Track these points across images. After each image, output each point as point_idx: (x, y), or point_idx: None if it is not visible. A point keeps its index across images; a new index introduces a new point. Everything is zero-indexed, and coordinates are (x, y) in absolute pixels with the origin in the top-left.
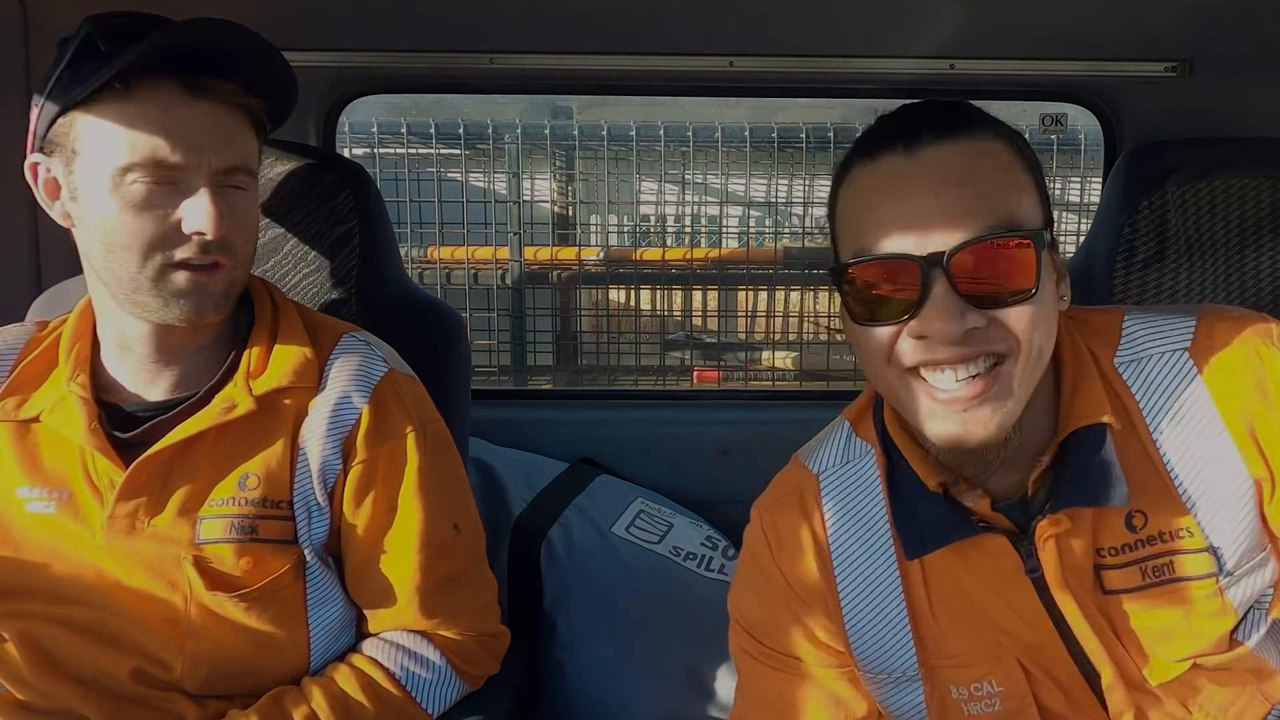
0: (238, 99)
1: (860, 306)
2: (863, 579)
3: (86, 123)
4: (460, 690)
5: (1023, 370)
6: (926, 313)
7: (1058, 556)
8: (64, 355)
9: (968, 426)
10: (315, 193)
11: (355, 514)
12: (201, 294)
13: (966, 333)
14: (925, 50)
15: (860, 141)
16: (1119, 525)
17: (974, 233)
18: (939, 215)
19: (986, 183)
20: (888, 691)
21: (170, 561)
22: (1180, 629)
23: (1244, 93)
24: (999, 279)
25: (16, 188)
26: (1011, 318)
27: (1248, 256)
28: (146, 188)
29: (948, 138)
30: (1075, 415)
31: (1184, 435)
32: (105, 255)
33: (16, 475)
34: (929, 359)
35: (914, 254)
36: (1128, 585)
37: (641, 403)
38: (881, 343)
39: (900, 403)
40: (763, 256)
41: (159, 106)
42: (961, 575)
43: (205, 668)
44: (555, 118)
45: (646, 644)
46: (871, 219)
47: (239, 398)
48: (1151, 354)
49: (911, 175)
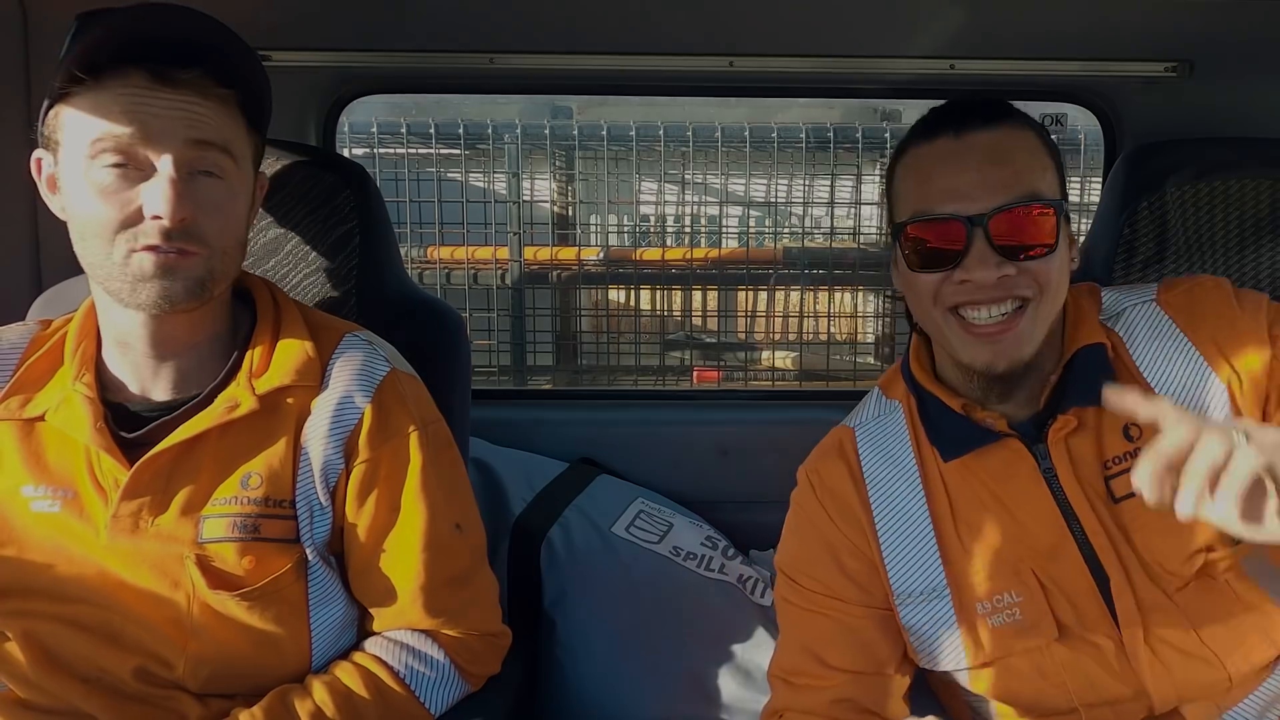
0: (209, 89)
1: (915, 256)
2: (893, 503)
3: (65, 114)
4: (462, 689)
5: (1043, 310)
6: (969, 261)
7: (1068, 457)
8: (69, 354)
9: (998, 353)
10: (315, 193)
11: (358, 513)
12: (169, 278)
13: (1000, 279)
14: (925, 50)
15: (918, 126)
16: (1118, 436)
17: (1009, 199)
18: (981, 186)
19: (1019, 162)
20: (921, 610)
21: (173, 560)
22: (1186, 523)
23: (1244, 93)
24: (1026, 237)
25: (16, 188)
26: (1035, 268)
27: (1247, 257)
28: (111, 173)
29: (990, 125)
30: (1078, 340)
31: (1162, 360)
32: (81, 243)
33: (21, 474)
34: (969, 299)
35: (960, 214)
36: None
37: (641, 403)
38: (931, 286)
39: (943, 336)
40: (763, 256)
41: (126, 94)
42: (983, 487)
43: (207, 667)
44: (555, 118)
45: (646, 644)
46: (927, 187)
47: (242, 397)
48: (1126, 306)
49: (961, 152)
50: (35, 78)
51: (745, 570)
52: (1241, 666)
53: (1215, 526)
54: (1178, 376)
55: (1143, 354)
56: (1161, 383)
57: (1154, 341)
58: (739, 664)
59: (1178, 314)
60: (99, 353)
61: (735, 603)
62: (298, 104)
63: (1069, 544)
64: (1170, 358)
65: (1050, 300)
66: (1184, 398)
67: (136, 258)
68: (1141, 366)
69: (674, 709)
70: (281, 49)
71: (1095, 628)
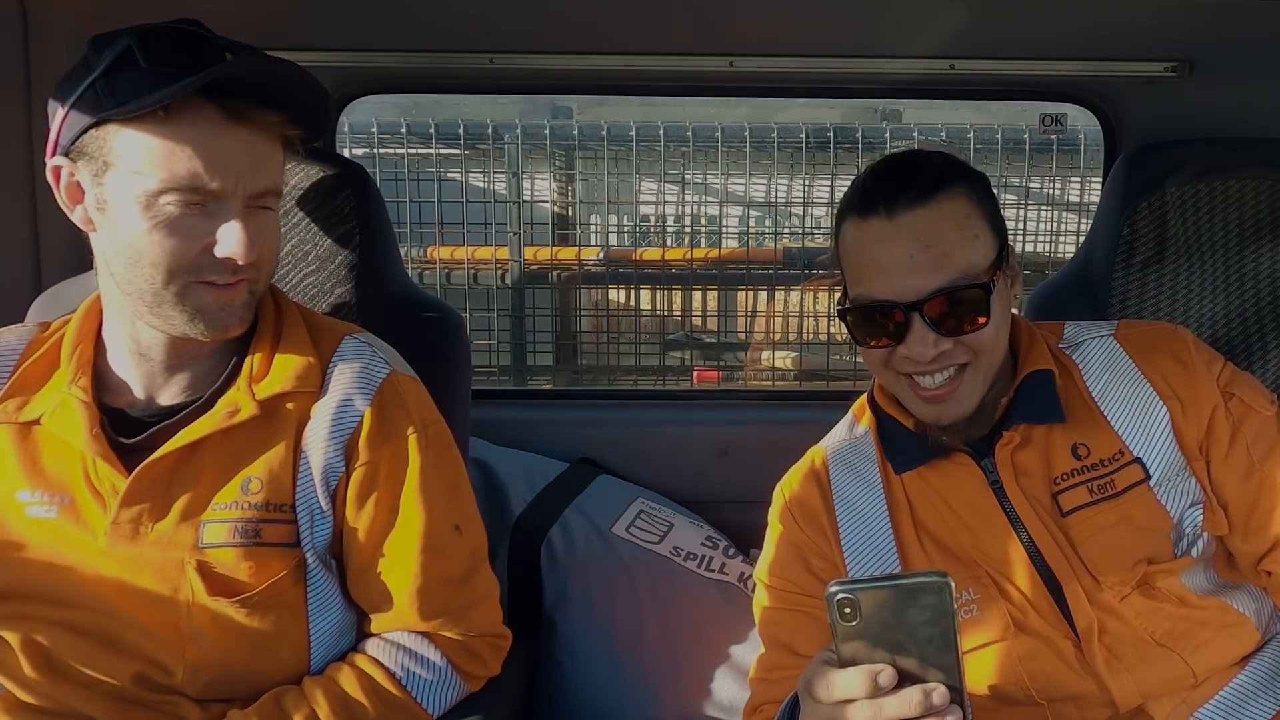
0: (280, 129)
1: (862, 334)
2: (856, 510)
3: (123, 139)
4: (461, 691)
5: (981, 370)
6: (909, 341)
7: (1014, 470)
8: (65, 357)
9: (943, 411)
10: (315, 193)
11: (358, 516)
12: (227, 310)
13: (938, 354)
14: (925, 50)
15: (854, 195)
16: (1067, 455)
17: (940, 284)
18: (914, 271)
19: (948, 241)
20: None
21: (173, 566)
22: (1127, 537)
23: (1244, 93)
24: (960, 317)
25: (16, 188)
26: (971, 340)
27: (1247, 257)
28: (180, 210)
29: (920, 203)
30: (1029, 366)
31: (1114, 386)
32: (129, 268)
33: (17, 479)
34: (913, 370)
35: (897, 301)
36: (1079, 502)
37: (641, 403)
38: (880, 357)
39: (896, 393)
40: (763, 256)
41: (198, 132)
42: (938, 498)
43: (206, 673)
44: (555, 118)
45: (646, 644)
46: (865, 270)
47: (242, 402)
48: (1086, 339)
49: (892, 236)
50: (36, 80)
51: (746, 570)
52: (1208, 660)
53: (1158, 534)
54: (1125, 400)
55: (1095, 379)
56: (1109, 405)
57: (1108, 371)
58: (739, 664)
59: (1134, 349)
60: (98, 356)
61: (735, 603)
62: None
63: (1019, 550)
64: (1121, 385)
65: (987, 361)
66: (1129, 420)
67: (196, 290)
68: (1093, 390)
69: (674, 709)
70: (282, 49)
71: (1053, 628)
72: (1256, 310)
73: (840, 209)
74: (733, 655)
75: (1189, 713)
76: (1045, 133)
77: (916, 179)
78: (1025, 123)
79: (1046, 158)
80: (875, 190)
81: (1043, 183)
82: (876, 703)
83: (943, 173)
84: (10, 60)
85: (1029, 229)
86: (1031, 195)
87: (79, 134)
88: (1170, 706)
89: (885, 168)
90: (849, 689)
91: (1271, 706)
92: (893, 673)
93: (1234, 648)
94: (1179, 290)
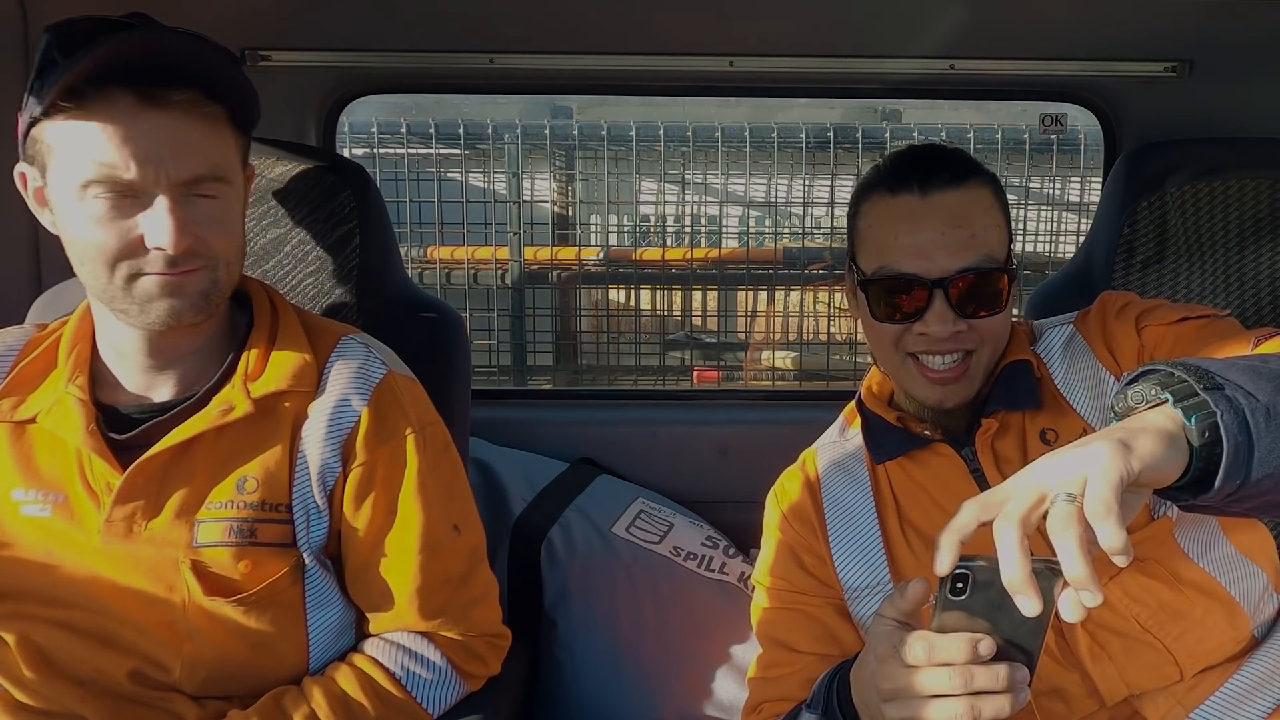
0: (197, 107)
1: (880, 308)
2: (844, 508)
3: (50, 134)
4: (461, 691)
5: (986, 357)
6: (929, 317)
7: (994, 457)
8: (63, 357)
9: (948, 394)
10: (315, 193)
11: (355, 516)
12: (177, 296)
13: (953, 334)
14: (925, 50)
15: (883, 173)
16: (1038, 442)
17: (967, 263)
18: (943, 248)
19: (977, 224)
20: (869, 604)
21: (168, 565)
22: None
23: (1244, 93)
24: (980, 298)
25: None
26: (984, 325)
27: (1247, 257)
28: (106, 202)
29: (955, 184)
30: (1008, 357)
31: (1072, 372)
32: (80, 265)
33: (12, 477)
34: (926, 349)
35: (924, 276)
36: None
37: (641, 403)
38: (893, 335)
39: (900, 375)
40: (763, 256)
41: (112, 119)
42: (921, 490)
43: (203, 670)
44: (555, 118)
45: (646, 644)
46: (893, 243)
47: (237, 400)
48: (1048, 330)
49: (925, 213)
50: None
51: (746, 570)
52: (1190, 649)
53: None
54: (1083, 381)
55: (1057, 367)
56: (1070, 390)
57: (1066, 359)
58: (739, 664)
59: (1086, 330)
60: (95, 356)
61: (736, 603)
62: (298, 104)
63: None
64: (1078, 367)
65: (992, 348)
66: (1088, 399)
67: (141, 282)
68: (1055, 377)
69: (674, 709)
70: (282, 49)
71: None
72: (1256, 310)
73: (863, 185)
74: (733, 655)
75: (1184, 714)
76: (1045, 133)
77: (949, 163)
78: (1025, 123)
79: (1046, 158)
80: (908, 169)
81: (1043, 183)
82: (968, 669)
83: (971, 163)
84: (10, 59)
85: (1029, 229)
86: (1031, 195)
87: (24, 137)
88: (1166, 707)
89: (914, 151)
90: (950, 653)
91: (1268, 707)
92: (992, 643)
93: (1220, 635)
94: (1179, 290)
